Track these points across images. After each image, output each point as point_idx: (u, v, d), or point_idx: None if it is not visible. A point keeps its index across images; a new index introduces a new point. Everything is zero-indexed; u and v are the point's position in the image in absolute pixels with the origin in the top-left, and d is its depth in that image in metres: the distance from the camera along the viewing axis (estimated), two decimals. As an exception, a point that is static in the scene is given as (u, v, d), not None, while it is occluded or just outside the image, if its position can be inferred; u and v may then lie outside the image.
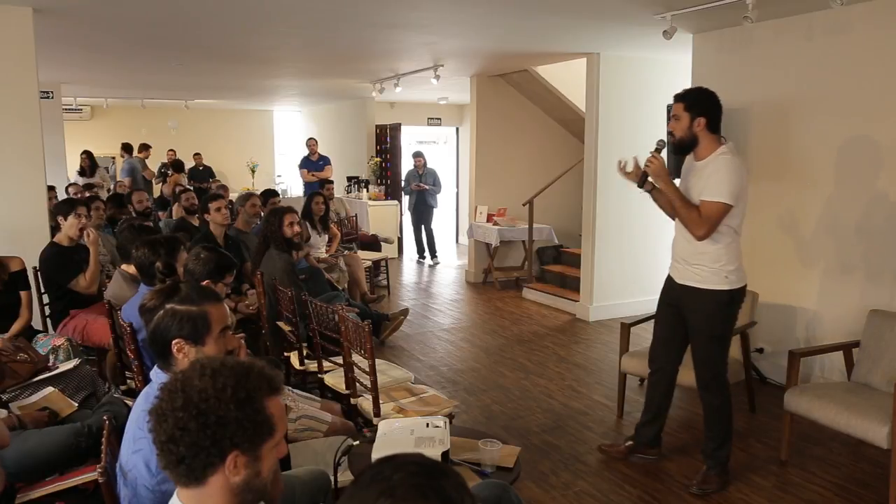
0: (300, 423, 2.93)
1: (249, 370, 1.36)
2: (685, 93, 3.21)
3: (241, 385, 1.32)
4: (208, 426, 1.28)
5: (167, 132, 13.01)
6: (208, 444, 1.28)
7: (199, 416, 1.28)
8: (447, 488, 1.01)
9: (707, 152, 3.14)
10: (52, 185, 7.00)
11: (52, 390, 3.07)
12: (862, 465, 3.62)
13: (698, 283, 3.22)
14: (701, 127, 3.11)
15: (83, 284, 4.24)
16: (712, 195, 3.06)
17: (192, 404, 1.29)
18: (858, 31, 4.31)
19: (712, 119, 3.11)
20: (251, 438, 1.32)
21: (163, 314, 1.94)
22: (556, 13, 4.87)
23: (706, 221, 3.06)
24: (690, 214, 3.09)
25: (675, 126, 3.15)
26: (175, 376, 1.35)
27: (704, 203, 3.07)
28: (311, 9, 4.72)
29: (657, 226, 6.70)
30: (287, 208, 5.03)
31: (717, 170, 3.07)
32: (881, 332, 3.64)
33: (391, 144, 11.05)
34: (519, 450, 2.61)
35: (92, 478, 2.42)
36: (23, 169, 4.54)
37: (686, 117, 3.11)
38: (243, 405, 1.31)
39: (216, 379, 1.32)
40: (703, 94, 3.17)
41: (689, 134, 3.13)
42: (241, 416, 1.30)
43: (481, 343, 5.96)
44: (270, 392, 1.36)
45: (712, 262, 3.16)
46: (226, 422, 1.29)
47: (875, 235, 4.28)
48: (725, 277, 3.17)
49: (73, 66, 7.44)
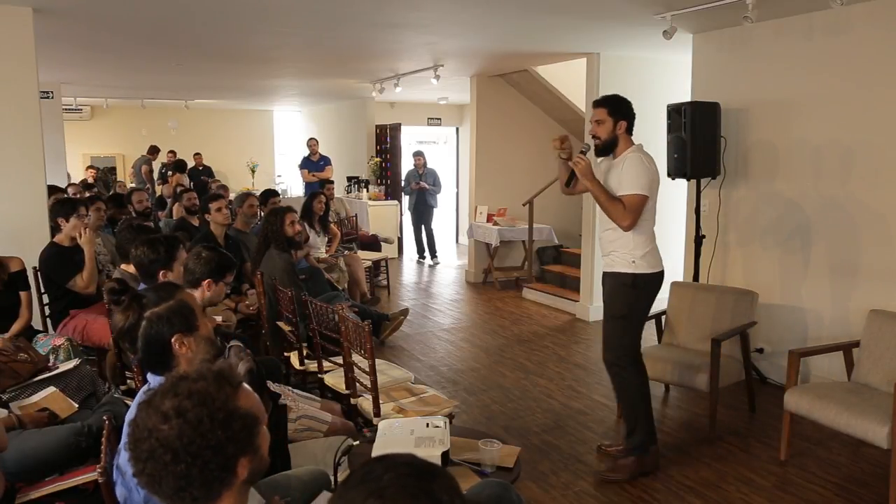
0: (300, 423, 2.93)
1: (206, 389, 1.31)
2: (607, 99, 3.48)
3: (212, 408, 1.28)
4: (209, 460, 1.26)
5: (167, 132, 13.01)
6: (218, 472, 1.27)
7: (196, 460, 1.25)
8: (437, 490, 1.00)
9: (622, 151, 3.45)
10: (58, 186, 7.01)
11: (53, 390, 3.07)
12: (862, 465, 3.62)
13: (610, 268, 3.51)
14: (622, 130, 3.42)
15: (81, 284, 4.23)
16: (629, 189, 3.32)
17: (181, 454, 1.24)
18: (858, 31, 4.31)
19: (630, 123, 3.44)
20: (248, 438, 1.32)
21: (148, 323, 1.93)
22: (556, 13, 4.87)
23: (630, 212, 3.31)
24: (615, 208, 3.34)
25: (600, 129, 3.44)
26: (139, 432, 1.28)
27: (625, 197, 3.33)
28: (311, 9, 4.72)
29: (657, 226, 6.70)
30: (287, 208, 5.04)
31: (630, 166, 3.35)
32: (881, 332, 3.64)
33: (391, 144, 11.05)
34: (519, 450, 2.61)
35: (92, 478, 2.42)
36: (23, 169, 4.53)
37: (610, 121, 3.41)
38: (226, 423, 1.28)
39: (185, 416, 1.26)
40: (623, 100, 3.48)
41: (612, 136, 3.43)
42: (231, 432, 1.28)
43: (481, 343, 5.96)
44: (235, 391, 1.34)
45: (623, 247, 3.42)
46: (222, 446, 1.27)
47: (875, 235, 4.28)
48: (632, 262, 3.40)
49: (73, 66, 7.44)
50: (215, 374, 1.34)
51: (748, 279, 5.04)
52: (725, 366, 3.97)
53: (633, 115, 3.45)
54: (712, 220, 5.23)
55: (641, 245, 3.39)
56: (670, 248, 6.43)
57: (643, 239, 3.40)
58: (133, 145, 12.50)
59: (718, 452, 3.77)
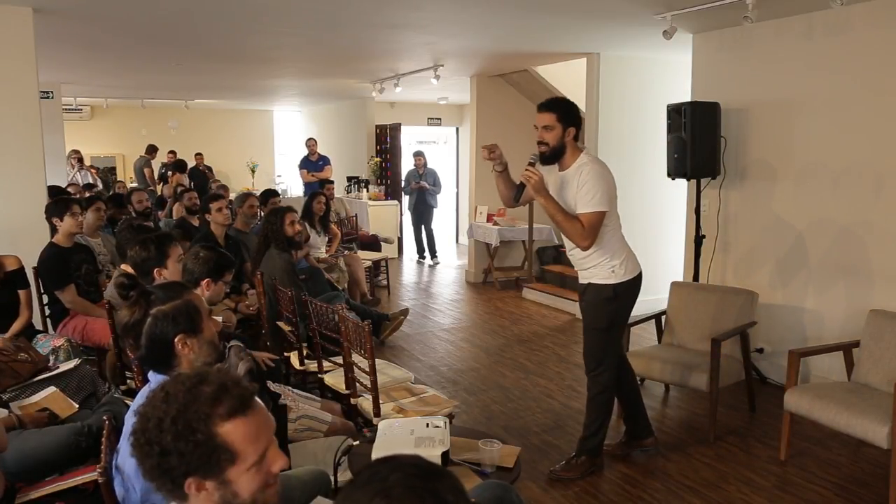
0: (300, 423, 2.93)
1: (196, 397, 1.28)
2: (556, 103, 3.29)
3: (180, 415, 1.25)
4: (152, 455, 1.26)
5: (167, 132, 13.01)
6: (159, 473, 1.27)
7: (145, 445, 1.26)
8: (443, 491, 1.00)
9: (571, 161, 3.28)
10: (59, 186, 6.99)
11: (53, 390, 3.06)
12: (862, 465, 3.62)
13: (590, 279, 3.40)
14: (570, 137, 3.25)
15: (67, 298, 4.17)
16: (587, 207, 3.17)
17: (139, 432, 1.27)
18: (858, 31, 4.31)
19: (579, 129, 3.29)
20: (202, 467, 1.25)
21: (152, 321, 1.92)
22: (556, 13, 4.87)
23: (589, 232, 3.18)
24: (574, 228, 3.20)
25: (549, 136, 3.25)
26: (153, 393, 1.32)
27: (582, 216, 3.18)
28: (311, 9, 4.72)
29: (657, 226, 6.71)
30: (287, 207, 5.04)
31: (585, 181, 3.18)
32: (881, 332, 3.64)
33: (391, 144, 11.05)
34: (519, 450, 2.61)
35: (92, 478, 2.42)
36: (23, 169, 4.53)
37: (559, 128, 3.22)
38: (180, 436, 1.24)
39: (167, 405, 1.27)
40: (571, 104, 3.30)
41: (560, 143, 3.25)
42: (181, 446, 1.24)
43: (481, 343, 5.96)
44: (227, 417, 1.27)
45: (599, 258, 3.32)
46: (167, 452, 1.24)
47: (875, 235, 4.28)
48: (612, 272, 3.31)
49: (73, 66, 7.44)
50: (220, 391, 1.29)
51: (748, 279, 5.04)
52: (725, 366, 3.97)
53: (581, 121, 3.28)
54: (712, 220, 5.23)
55: (617, 254, 3.32)
56: (670, 248, 6.46)
57: (616, 248, 3.32)
58: (133, 145, 12.49)
59: (718, 452, 3.77)
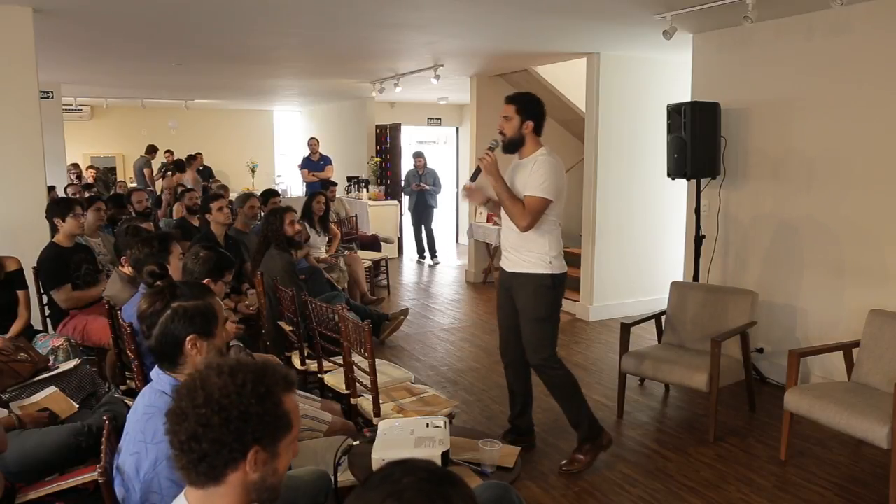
0: (300, 422, 2.92)
1: (265, 367, 1.39)
2: (517, 97, 3.44)
3: (260, 381, 1.35)
4: (231, 421, 1.30)
5: (167, 132, 13.01)
6: (231, 440, 1.30)
7: (222, 412, 1.30)
8: (454, 497, 1.02)
9: (529, 152, 3.41)
10: (53, 185, 7.00)
11: (53, 390, 3.06)
12: (862, 465, 3.62)
13: (525, 269, 3.45)
14: (528, 129, 3.38)
15: (61, 297, 4.17)
16: (534, 191, 3.30)
17: (213, 400, 1.31)
18: (858, 31, 4.31)
19: (538, 124, 3.39)
20: (272, 433, 1.35)
21: (171, 314, 1.94)
22: (556, 13, 4.87)
23: (529, 214, 3.30)
24: (515, 207, 3.33)
25: (507, 126, 3.40)
26: (192, 376, 1.38)
27: (528, 198, 3.31)
28: (311, 9, 4.72)
29: (657, 226, 6.71)
30: (287, 207, 5.04)
31: (537, 169, 3.32)
32: (881, 332, 3.64)
33: (391, 144, 11.05)
34: (519, 450, 2.61)
35: (92, 478, 2.42)
36: (23, 169, 4.53)
37: (517, 119, 3.37)
38: (264, 400, 1.33)
39: (235, 376, 1.34)
40: (533, 100, 3.43)
41: (518, 134, 3.39)
42: (262, 410, 1.33)
43: (481, 343, 5.96)
44: (287, 388, 1.40)
45: (538, 249, 3.40)
46: (248, 416, 1.31)
47: (875, 235, 4.28)
48: (549, 263, 3.40)
49: (73, 66, 7.44)
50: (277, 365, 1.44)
51: (748, 279, 5.04)
52: (725, 366, 3.97)
53: (543, 117, 3.40)
54: (712, 220, 5.23)
55: (554, 247, 3.41)
56: (670, 248, 6.47)
57: (554, 241, 3.42)
58: (133, 145, 12.49)
59: (718, 452, 3.77)
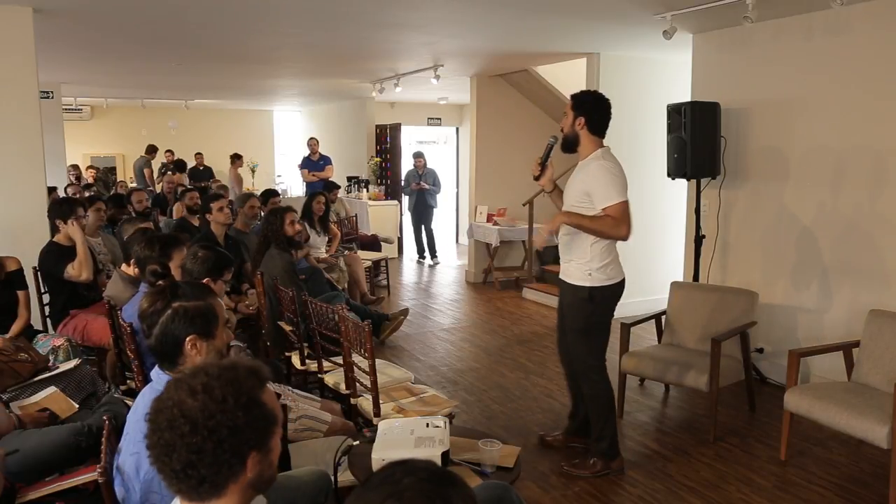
0: (300, 423, 2.92)
1: (235, 372, 1.35)
2: (577, 94, 3.35)
3: (238, 390, 1.32)
4: (223, 441, 1.27)
5: (167, 132, 13.01)
6: (228, 458, 1.28)
7: (212, 435, 1.27)
8: (455, 498, 1.02)
9: (587, 152, 3.30)
10: (54, 187, 7.00)
11: (53, 390, 3.07)
12: (862, 465, 3.62)
13: (566, 278, 3.40)
14: (581, 126, 3.26)
15: (73, 272, 4.18)
16: (608, 200, 3.18)
17: (200, 426, 1.27)
18: (858, 31, 4.31)
19: (591, 120, 3.25)
20: (263, 435, 1.34)
21: (172, 314, 1.94)
22: (555, 13, 4.87)
23: (621, 221, 3.17)
24: (605, 224, 3.18)
25: (564, 121, 3.33)
26: (163, 402, 1.31)
27: (608, 210, 3.18)
28: (311, 9, 4.72)
29: (657, 226, 6.71)
30: (287, 207, 5.04)
31: (597, 178, 3.21)
32: (881, 332, 3.64)
33: (391, 144, 11.05)
34: (519, 450, 2.61)
35: (92, 478, 2.42)
36: (23, 169, 4.53)
37: (571, 115, 3.28)
38: (249, 408, 1.31)
39: (211, 393, 1.29)
40: (588, 96, 3.33)
41: (571, 131, 3.29)
42: (250, 418, 1.31)
43: (481, 343, 5.96)
44: (262, 386, 1.37)
45: (580, 257, 3.30)
46: (238, 430, 1.29)
47: (875, 235, 4.28)
48: (589, 275, 3.29)
49: (73, 66, 7.44)
50: (246, 365, 1.40)
51: (748, 279, 5.04)
52: (725, 366, 3.97)
53: (597, 115, 3.26)
54: (712, 220, 5.23)
55: (598, 256, 3.26)
56: (670, 248, 6.46)
57: (599, 252, 3.26)
58: (133, 145, 12.50)
59: (718, 452, 3.77)
